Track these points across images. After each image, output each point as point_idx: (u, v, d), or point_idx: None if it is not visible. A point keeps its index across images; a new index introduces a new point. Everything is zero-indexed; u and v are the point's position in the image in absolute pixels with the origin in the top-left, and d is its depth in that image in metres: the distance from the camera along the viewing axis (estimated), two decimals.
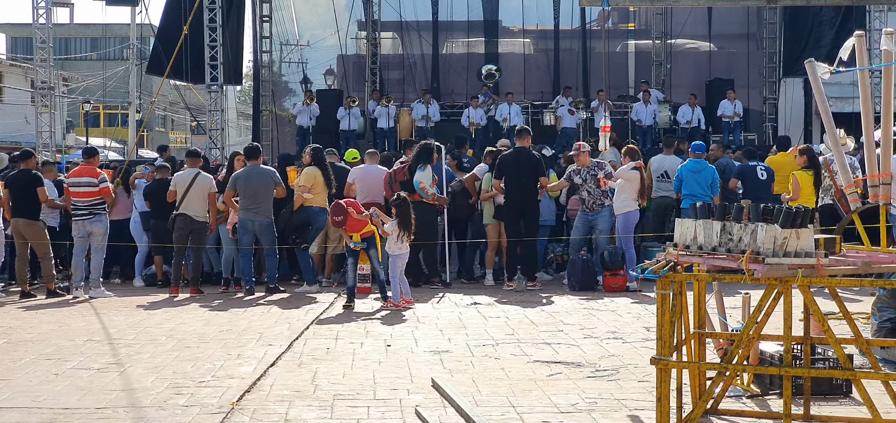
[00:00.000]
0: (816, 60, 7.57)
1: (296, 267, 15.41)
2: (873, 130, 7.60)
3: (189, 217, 14.26)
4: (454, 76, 29.80)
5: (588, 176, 14.30)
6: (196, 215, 14.31)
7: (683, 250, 6.24)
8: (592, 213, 14.32)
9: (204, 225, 14.43)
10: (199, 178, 14.39)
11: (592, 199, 14.26)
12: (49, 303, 13.46)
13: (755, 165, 15.79)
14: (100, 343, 10.05)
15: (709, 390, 6.27)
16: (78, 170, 14.45)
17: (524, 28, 31.14)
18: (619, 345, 9.60)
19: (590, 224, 14.40)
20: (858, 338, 6.21)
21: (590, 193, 14.27)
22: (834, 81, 8.50)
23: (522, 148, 14.46)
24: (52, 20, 26.85)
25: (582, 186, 14.33)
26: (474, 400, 7.29)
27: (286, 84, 32.40)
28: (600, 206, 14.29)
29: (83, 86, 47.33)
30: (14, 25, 57.37)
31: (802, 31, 25.19)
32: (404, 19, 30.02)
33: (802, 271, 5.69)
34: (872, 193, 7.61)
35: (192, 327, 10.98)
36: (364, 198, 14.76)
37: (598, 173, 14.33)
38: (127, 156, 23.95)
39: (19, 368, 8.77)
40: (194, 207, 14.29)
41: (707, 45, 30.61)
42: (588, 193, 14.29)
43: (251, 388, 7.78)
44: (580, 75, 29.08)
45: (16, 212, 14.14)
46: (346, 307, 12.40)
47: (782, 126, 26.26)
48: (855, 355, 7.42)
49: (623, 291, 13.71)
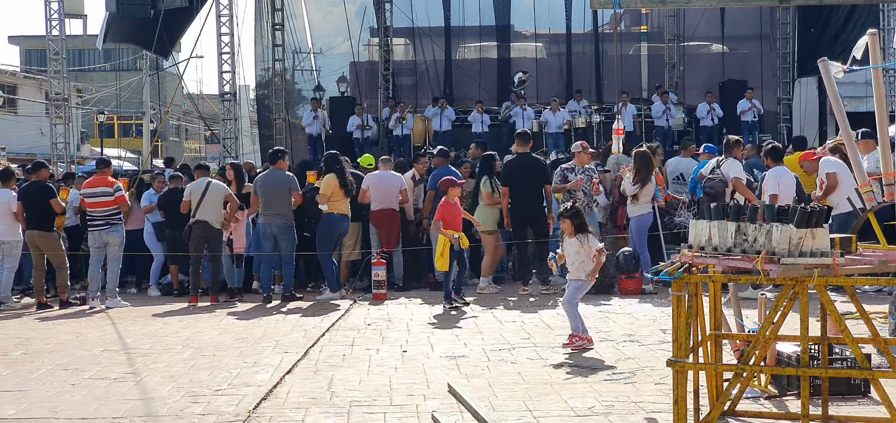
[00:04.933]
0: (830, 60, 7.54)
1: (312, 274, 15.44)
2: (888, 128, 7.57)
3: (206, 224, 14.29)
4: (467, 82, 29.80)
5: (583, 176, 14.28)
6: (213, 222, 14.35)
7: (698, 251, 6.22)
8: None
9: (220, 233, 14.46)
10: (212, 185, 14.44)
11: (586, 200, 14.24)
12: (65, 313, 13.51)
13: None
14: (116, 353, 10.08)
15: (726, 391, 6.24)
16: (92, 181, 14.51)
17: (536, 32, 31.11)
18: (636, 348, 9.57)
19: None
20: (876, 337, 6.17)
21: (585, 194, 14.24)
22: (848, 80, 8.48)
23: (527, 154, 14.45)
24: (65, 32, 26.98)
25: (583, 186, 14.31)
26: (491, 405, 7.28)
27: (299, 92, 32.47)
28: (588, 209, 14.28)
29: (97, 97, 47.53)
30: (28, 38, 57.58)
31: (816, 31, 25.10)
32: (416, 25, 30.05)
33: (818, 270, 5.67)
34: (888, 192, 7.58)
35: (209, 336, 11.00)
36: (378, 204, 14.78)
37: (593, 176, 14.33)
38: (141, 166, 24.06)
39: (36, 378, 8.80)
40: (210, 214, 14.34)
41: (720, 46, 30.54)
42: (584, 193, 14.26)
43: (267, 396, 7.79)
44: (593, 79, 29.05)
45: (30, 224, 14.22)
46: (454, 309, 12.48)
47: (797, 127, 26.17)
48: (873, 354, 7.38)
49: (639, 293, 13.68)
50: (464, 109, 27.06)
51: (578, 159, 14.49)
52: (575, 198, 14.24)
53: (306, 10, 30.78)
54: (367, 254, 15.08)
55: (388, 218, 14.86)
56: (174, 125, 57.79)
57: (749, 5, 27.75)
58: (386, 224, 14.83)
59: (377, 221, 14.89)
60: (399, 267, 15.13)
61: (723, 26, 29.73)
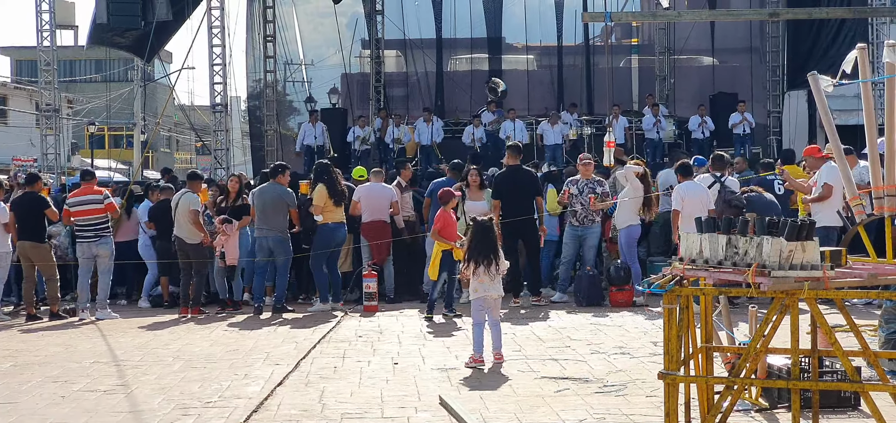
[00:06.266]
0: (820, 73, 7.57)
1: (303, 286, 15.42)
2: (877, 141, 7.59)
3: (182, 240, 14.26)
4: (458, 93, 29.82)
5: (585, 188, 14.31)
6: (186, 238, 14.26)
7: (689, 263, 6.23)
8: (582, 227, 14.36)
9: (197, 248, 14.30)
10: (184, 198, 14.32)
11: (584, 213, 14.27)
12: (55, 325, 13.47)
13: (773, 178, 15.65)
14: (106, 365, 10.05)
15: (717, 404, 6.25)
16: (78, 191, 14.45)
17: (527, 44, 31.18)
18: (627, 360, 9.58)
19: (579, 239, 14.42)
20: (866, 350, 6.19)
21: (583, 206, 14.28)
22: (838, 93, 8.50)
23: (517, 166, 14.46)
24: (56, 43, 26.92)
25: (577, 199, 14.33)
26: (482, 417, 7.28)
27: (290, 103, 32.47)
28: (591, 221, 14.32)
29: (88, 108, 47.44)
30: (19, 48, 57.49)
31: (805, 45, 25.17)
32: (408, 37, 30.09)
33: (809, 283, 5.68)
34: (877, 205, 7.60)
35: (199, 348, 10.98)
36: (369, 216, 14.78)
37: (597, 189, 14.35)
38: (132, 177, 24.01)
39: (26, 391, 8.77)
40: (183, 230, 14.27)
41: (710, 59, 30.63)
42: (582, 206, 14.29)
43: (258, 408, 7.78)
44: (584, 91, 29.10)
45: (22, 235, 14.17)
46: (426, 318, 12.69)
47: (787, 139, 26.23)
48: (863, 367, 7.40)
49: (630, 306, 13.69)
50: (455, 120, 27.07)
51: (582, 172, 14.53)
52: (574, 210, 14.29)
53: (298, 21, 30.79)
54: (359, 266, 15.08)
55: (379, 230, 14.85)
56: (165, 136, 57.71)
57: (739, 19, 27.90)
58: (377, 236, 14.81)
59: (368, 232, 14.88)
60: (390, 279, 15.12)
61: (713, 39, 29.82)
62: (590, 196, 14.31)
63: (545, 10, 30.83)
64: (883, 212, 7.44)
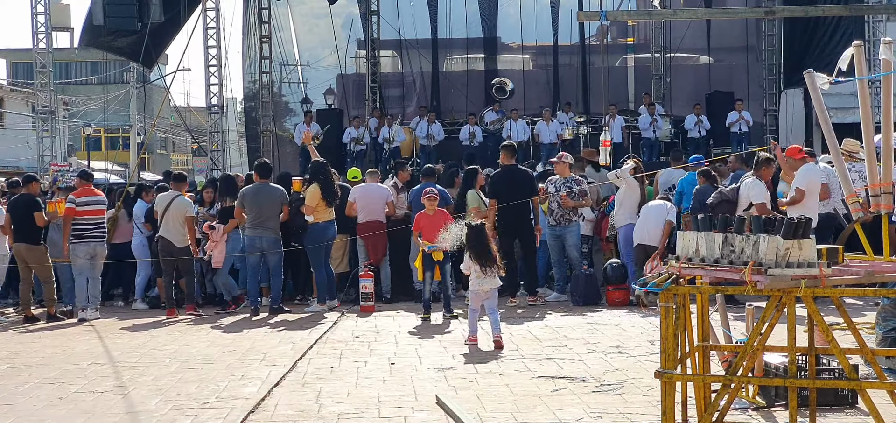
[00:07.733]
0: (816, 71, 7.57)
1: (299, 287, 15.40)
2: (873, 139, 7.60)
3: (168, 241, 14.14)
4: (454, 93, 29.83)
5: (562, 187, 14.28)
6: (174, 240, 14.12)
7: (686, 262, 6.23)
8: (560, 227, 14.30)
9: (185, 251, 14.17)
10: (176, 200, 14.21)
11: (561, 212, 14.24)
12: (52, 327, 13.44)
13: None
14: (103, 366, 10.04)
15: (714, 402, 6.25)
16: (81, 191, 14.38)
17: (523, 44, 31.16)
18: (624, 359, 9.58)
19: (560, 239, 14.38)
20: (863, 348, 6.20)
21: (559, 205, 14.23)
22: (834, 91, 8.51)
23: (513, 166, 14.43)
24: (52, 45, 26.93)
25: (552, 198, 14.30)
26: (479, 417, 7.28)
27: (286, 104, 32.47)
28: (568, 220, 14.26)
29: (84, 110, 47.38)
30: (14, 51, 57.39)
31: (802, 43, 25.20)
32: (403, 37, 30.08)
33: (805, 281, 5.68)
34: (874, 203, 7.60)
35: (196, 349, 10.97)
36: (364, 217, 14.77)
37: (573, 187, 14.29)
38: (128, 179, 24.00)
39: (23, 392, 8.76)
40: (172, 232, 14.15)
41: (706, 58, 30.64)
42: (558, 204, 14.25)
43: (255, 409, 7.77)
44: (580, 90, 29.10)
45: (17, 237, 14.14)
46: (423, 319, 12.74)
47: (783, 138, 26.19)
48: (860, 365, 7.40)
49: (626, 304, 13.69)
50: (451, 120, 27.07)
51: (557, 170, 14.50)
52: (551, 209, 14.26)
53: (293, 22, 30.79)
54: (355, 267, 15.07)
55: (375, 230, 14.84)
56: (161, 138, 57.65)
57: (735, 17, 27.92)
58: (373, 236, 14.81)
59: (364, 233, 14.87)
60: (386, 279, 15.11)
61: (709, 38, 29.81)
62: (561, 194, 14.23)
63: (541, 9, 30.84)
64: (879, 209, 7.45)
